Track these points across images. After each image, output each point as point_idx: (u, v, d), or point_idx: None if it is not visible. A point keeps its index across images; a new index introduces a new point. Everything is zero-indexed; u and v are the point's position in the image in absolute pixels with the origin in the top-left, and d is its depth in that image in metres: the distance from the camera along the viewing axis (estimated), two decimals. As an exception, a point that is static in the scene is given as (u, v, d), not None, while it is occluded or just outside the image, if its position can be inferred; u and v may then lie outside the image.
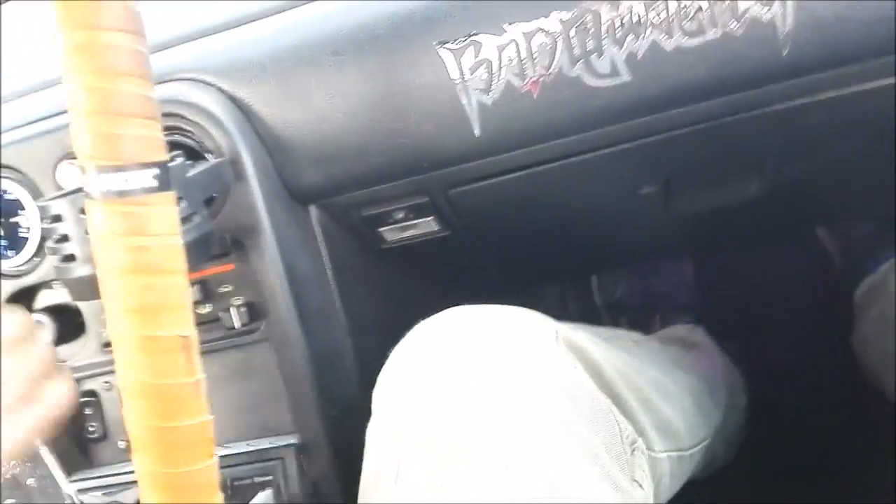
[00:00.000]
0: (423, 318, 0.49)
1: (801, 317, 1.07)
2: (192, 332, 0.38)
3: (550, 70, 0.53)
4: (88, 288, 0.47)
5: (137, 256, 0.34)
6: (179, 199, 0.50)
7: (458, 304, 0.50)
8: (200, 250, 0.51)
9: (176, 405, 0.37)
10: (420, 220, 0.66)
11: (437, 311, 0.49)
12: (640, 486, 0.47)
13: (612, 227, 0.76)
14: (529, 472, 0.39)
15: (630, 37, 0.51)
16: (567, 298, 1.22)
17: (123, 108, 0.34)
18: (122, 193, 0.34)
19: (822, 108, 0.54)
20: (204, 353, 0.61)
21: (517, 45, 0.53)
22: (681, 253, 1.10)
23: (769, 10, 0.49)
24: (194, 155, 0.57)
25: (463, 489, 0.39)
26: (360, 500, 0.45)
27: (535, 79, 0.53)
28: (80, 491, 0.60)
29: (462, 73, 0.54)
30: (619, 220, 0.73)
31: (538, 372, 0.44)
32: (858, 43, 0.49)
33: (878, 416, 0.89)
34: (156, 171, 0.34)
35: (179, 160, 0.51)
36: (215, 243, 0.54)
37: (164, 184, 0.34)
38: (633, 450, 0.49)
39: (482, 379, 0.42)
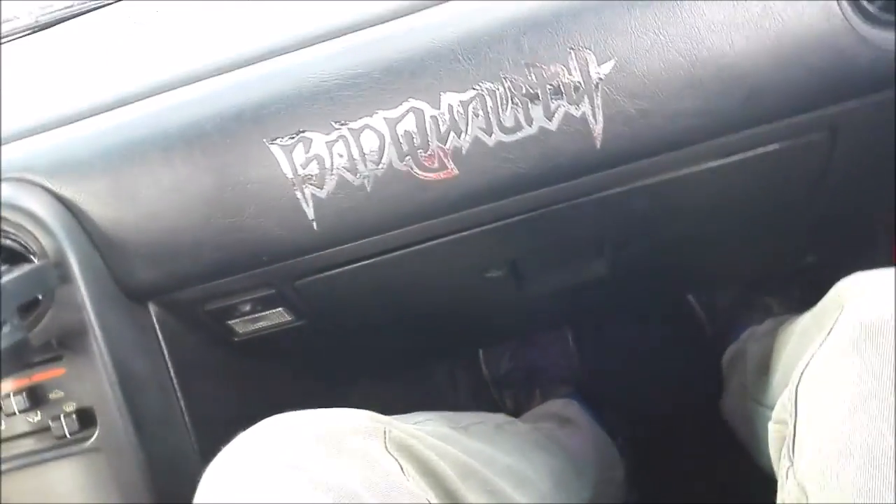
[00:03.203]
0: (281, 411, 0.48)
1: (676, 384, 1.10)
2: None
3: (380, 164, 0.54)
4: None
5: None
6: (-14, 308, 0.47)
7: (321, 393, 0.48)
8: (13, 359, 0.49)
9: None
10: (269, 312, 0.65)
11: (295, 404, 0.48)
12: None
13: (470, 309, 0.77)
14: None
15: (452, 133, 0.52)
16: (457, 376, 1.21)
17: None
18: None
19: (643, 193, 0.57)
20: (33, 465, 0.59)
21: (346, 141, 0.53)
22: (555, 326, 1.11)
23: (579, 106, 0.51)
24: (18, 258, 0.55)
25: None
26: None
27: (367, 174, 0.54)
28: None
29: (294, 169, 0.54)
30: (476, 302, 0.74)
31: (359, 483, 0.42)
32: (666, 134, 0.52)
33: (761, 478, 0.90)
34: None
35: (-11, 266, 0.49)
36: (31, 351, 0.52)
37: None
38: None
39: (296, 495, 0.41)
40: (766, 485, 0.85)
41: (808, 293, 0.98)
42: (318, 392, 0.78)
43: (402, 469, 0.45)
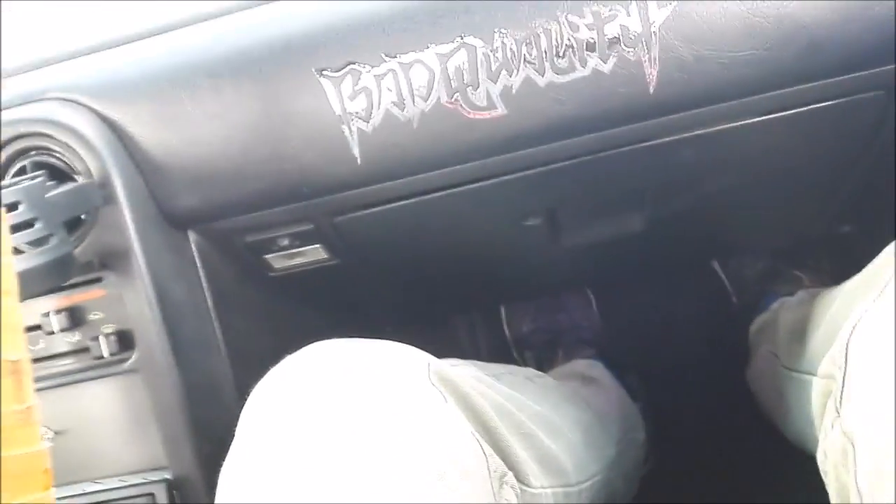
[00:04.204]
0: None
1: (700, 350, 1.10)
2: (23, 355, 0.36)
3: (429, 101, 0.53)
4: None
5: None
6: (35, 219, 0.48)
7: (351, 337, 0.49)
8: (59, 273, 0.50)
9: (4, 434, 0.35)
10: (307, 248, 0.65)
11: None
12: None
13: (504, 259, 0.77)
14: None
15: (504, 72, 0.52)
16: (477, 334, 1.22)
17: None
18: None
19: (691, 145, 0.56)
20: (72, 383, 0.60)
21: (396, 75, 0.53)
22: (582, 287, 1.11)
23: (635, 49, 0.50)
24: (63, 177, 0.55)
25: None
26: None
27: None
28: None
29: (342, 101, 0.54)
30: (511, 251, 0.74)
31: (401, 409, 0.43)
32: (719, 83, 0.51)
33: (778, 448, 0.90)
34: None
35: (38, 180, 0.49)
36: (77, 267, 0.52)
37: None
38: (502, 484, 0.48)
39: (342, 420, 0.41)
40: (787, 454, 0.86)
41: (839, 267, 0.98)
42: (346, 336, 0.79)
43: (444, 399, 0.46)
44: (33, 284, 0.47)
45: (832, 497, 0.44)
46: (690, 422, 1.09)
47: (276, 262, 0.66)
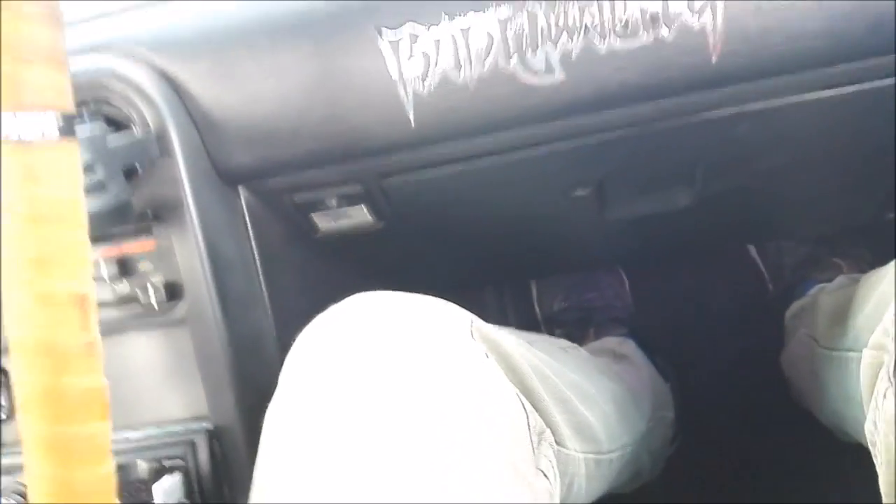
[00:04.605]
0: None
1: (732, 335, 1.09)
2: (89, 289, 0.37)
3: (486, 64, 0.53)
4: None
5: (32, 204, 0.33)
6: (96, 164, 0.49)
7: None
8: (117, 218, 0.50)
9: (67, 362, 0.35)
10: (353, 209, 0.65)
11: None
12: (546, 476, 0.46)
13: (548, 230, 0.76)
14: (429, 463, 0.39)
15: (564, 36, 0.52)
16: (507, 309, 1.22)
17: (27, 53, 0.32)
18: (20, 138, 0.32)
19: (748, 119, 0.56)
20: (120, 331, 0.61)
21: (454, 38, 0.53)
22: (617, 264, 1.11)
23: (699, 18, 0.50)
24: (120, 127, 0.56)
25: (355, 484, 0.38)
26: (253, 492, 0.44)
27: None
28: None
29: (399, 63, 0.54)
30: (555, 222, 0.74)
31: (445, 358, 0.43)
32: (785, 55, 0.51)
33: (807, 434, 0.90)
34: (56, 117, 0.32)
35: (99, 125, 0.49)
36: (134, 214, 0.53)
37: (66, 132, 0.33)
38: (541, 440, 0.48)
39: (386, 367, 0.42)
40: (815, 442, 0.86)
41: (878, 255, 0.97)
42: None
43: (486, 354, 0.46)
44: (94, 228, 0.48)
45: (880, 467, 0.44)
46: (719, 405, 1.09)
47: (323, 222, 0.67)
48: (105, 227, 0.50)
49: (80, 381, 0.35)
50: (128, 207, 0.50)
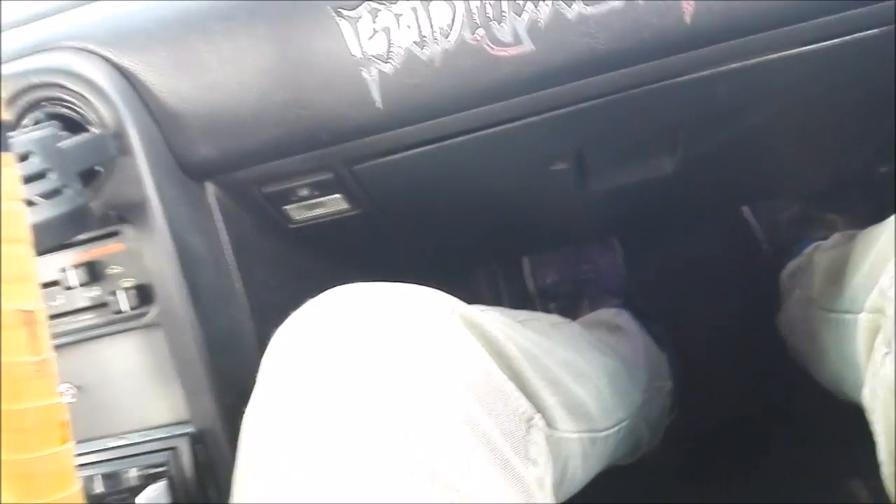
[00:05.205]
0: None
1: (728, 299, 1.08)
2: (38, 306, 0.35)
3: (451, 38, 0.51)
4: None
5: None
6: (48, 170, 0.46)
7: None
8: (74, 223, 0.48)
9: (17, 388, 0.33)
10: (327, 198, 0.63)
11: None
12: (536, 463, 0.45)
13: (529, 207, 0.74)
14: (409, 465, 0.37)
15: (530, 4, 0.49)
16: (500, 287, 1.20)
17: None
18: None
19: (726, 79, 0.53)
20: (93, 339, 0.59)
21: (415, 12, 0.51)
22: (608, 236, 1.09)
23: (670, -24, 0.47)
24: (77, 128, 0.54)
25: (334, 482, 0.36)
26: (233, 493, 0.42)
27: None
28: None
29: (360, 42, 0.52)
30: (537, 199, 0.72)
31: (428, 349, 0.42)
32: (760, 12, 0.49)
33: (805, 396, 0.89)
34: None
35: (50, 129, 0.47)
36: (94, 219, 0.51)
37: (-6, 143, 0.31)
38: (529, 427, 0.47)
39: (364, 362, 0.40)
40: (816, 404, 0.85)
41: (874, 209, 0.95)
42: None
43: (470, 341, 0.44)
44: (48, 237, 0.46)
45: (879, 435, 0.42)
46: (718, 371, 1.08)
47: (296, 213, 0.65)
48: (63, 233, 0.48)
49: (34, 405, 0.34)
50: (85, 213, 0.48)
